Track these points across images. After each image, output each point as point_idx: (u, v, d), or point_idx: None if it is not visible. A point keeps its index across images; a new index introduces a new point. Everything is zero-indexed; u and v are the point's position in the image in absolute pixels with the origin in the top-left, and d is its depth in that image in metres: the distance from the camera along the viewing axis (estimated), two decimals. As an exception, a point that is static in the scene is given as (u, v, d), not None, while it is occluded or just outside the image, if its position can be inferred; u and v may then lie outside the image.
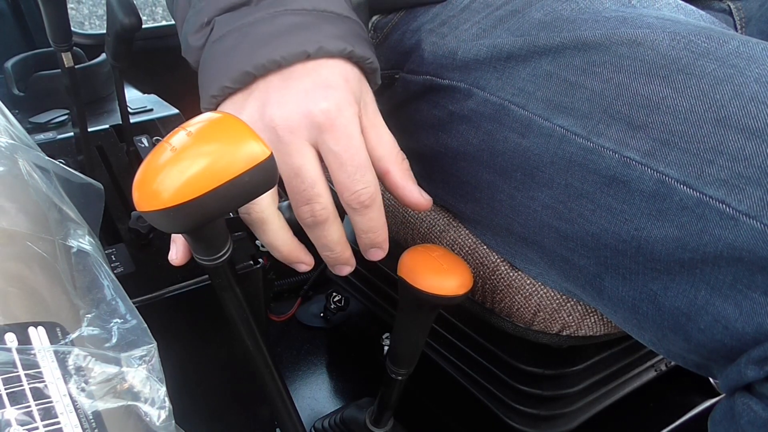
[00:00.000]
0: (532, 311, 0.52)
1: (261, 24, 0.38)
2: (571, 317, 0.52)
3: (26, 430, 0.29)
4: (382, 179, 0.41)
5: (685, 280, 0.35)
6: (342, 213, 0.41)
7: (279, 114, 0.37)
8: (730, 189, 0.33)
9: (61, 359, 0.32)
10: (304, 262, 0.43)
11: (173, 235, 0.43)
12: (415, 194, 0.42)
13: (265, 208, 0.40)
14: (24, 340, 0.32)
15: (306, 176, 0.38)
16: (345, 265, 0.43)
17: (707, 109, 0.35)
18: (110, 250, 0.56)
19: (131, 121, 0.68)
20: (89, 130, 0.65)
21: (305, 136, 0.38)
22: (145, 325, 0.38)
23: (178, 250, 0.42)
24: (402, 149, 0.43)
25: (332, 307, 0.97)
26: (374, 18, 0.59)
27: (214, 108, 0.40)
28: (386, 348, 0.85)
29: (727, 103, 0.34)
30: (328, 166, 0.39)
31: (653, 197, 0.36)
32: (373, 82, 0.43)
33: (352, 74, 0.40)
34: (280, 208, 0.52)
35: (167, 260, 0.42)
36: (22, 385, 0.30)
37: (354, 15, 0.42)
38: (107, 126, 0.70)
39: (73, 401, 0.31)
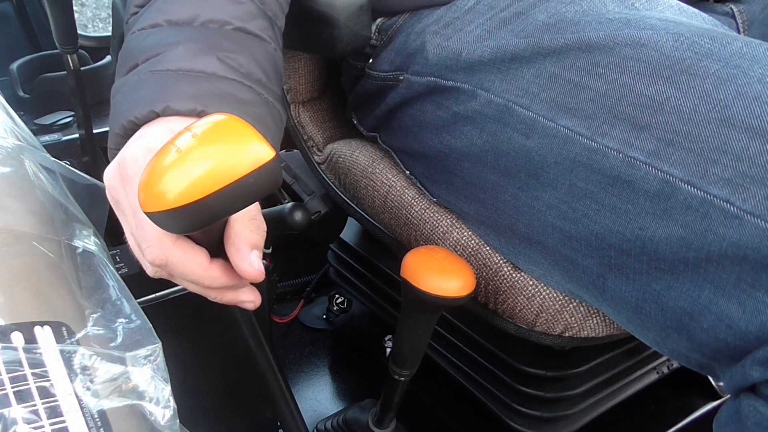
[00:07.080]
0: (535, 312, 0.52)
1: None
2: (573, 318, 0.52)
3: (32, 428, 0.29)
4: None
5: (688, 279, 0.35)
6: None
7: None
8: (735, 188, 0.33)
9: (67, 358, 0.32)
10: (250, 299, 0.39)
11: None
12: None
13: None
14: (30, 339, 0.32)
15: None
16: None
17: (711, 109, 0.35)
18: (115, 251, 0.56)
19: (135, 122, 0.68)
20: (94, 131, 0.65)
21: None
22: (150, 325, 0.38)
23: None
24: (406, 150, 0.43)
25: (335, 308, 0.97)
26: (378, 20, 0.60)
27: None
28: (389, 350, 0.85)
29: (730, 103, 0.34)
30: None
31: (657, 197, 0.36)
32: None
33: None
34: (283, 210, 0.52)
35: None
36: (28, 384, 0.30)
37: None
38: (111, 128, 0.70)
39: (79, 400, 0.31)
